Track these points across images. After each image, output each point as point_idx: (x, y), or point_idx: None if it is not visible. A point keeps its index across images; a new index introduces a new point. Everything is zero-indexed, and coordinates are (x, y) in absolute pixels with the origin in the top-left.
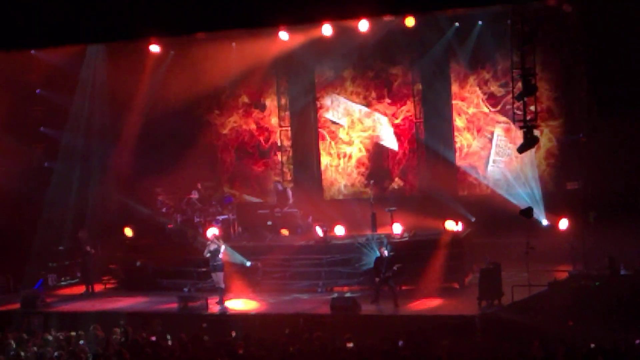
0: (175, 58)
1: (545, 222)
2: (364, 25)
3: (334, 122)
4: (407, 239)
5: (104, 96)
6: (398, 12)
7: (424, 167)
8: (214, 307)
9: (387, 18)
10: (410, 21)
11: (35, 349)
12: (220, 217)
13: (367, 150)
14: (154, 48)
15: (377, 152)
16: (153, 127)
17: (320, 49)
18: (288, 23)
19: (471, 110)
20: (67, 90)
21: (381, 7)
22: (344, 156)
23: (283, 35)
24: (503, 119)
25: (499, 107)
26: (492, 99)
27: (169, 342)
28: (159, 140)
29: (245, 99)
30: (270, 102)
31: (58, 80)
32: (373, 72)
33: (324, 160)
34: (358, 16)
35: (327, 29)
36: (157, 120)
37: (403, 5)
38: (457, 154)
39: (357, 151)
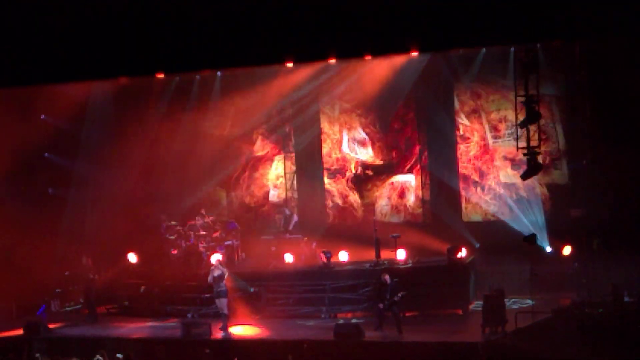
0: (180, 84)
1: (548, 248)
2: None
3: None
4: (410, 265)
5: (109, 122)
6: (403, 51)
7: (428, 193)
8: (217, 333)
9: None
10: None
11: None
12: (225, 243)
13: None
14: (159, 74)
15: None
16: (158, 154)
17: (324, 80)
18: (294, 60)
19: (475, 137)
20: (72, 116)
21: (386, 47)
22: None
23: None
24: (507, 145)
25: (502, 134)
26: (496, 125)
27: None
28: (164, 167)
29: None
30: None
31: (64, 107)
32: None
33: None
34: (363, 55)
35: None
36: (163, 147)
37: (408, 45)
38: (461, 180)
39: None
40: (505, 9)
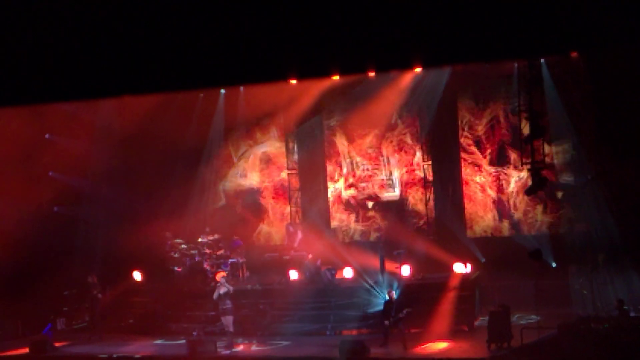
0: (184, 100)
1: (554, 264)
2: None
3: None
4: (415, 281)
5: (115, 140)
6: (406, 67)
7: (433, 209)
8: (222, 351)
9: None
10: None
11: None
12: (229, 261)
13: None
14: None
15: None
16: (163, 171)
17: (328, 92)
18: (297, 77)
19: (479, 151)
20: (77, 135)
21: (390, 63)
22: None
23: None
24: (511, 160)
25: (507, 149)
26: (499, 140)
27: None
28: (169, 184)
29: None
30: (279, 147)
31: (68, 124)
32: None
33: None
34: (366, 71)
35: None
36: (168, 164)
37: (411, 61)
38: (466, 195)
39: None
40: (509, 23)
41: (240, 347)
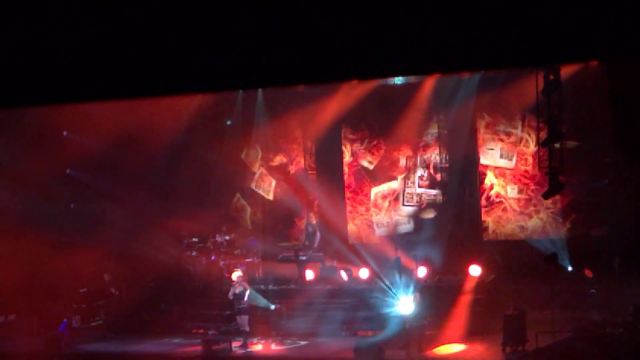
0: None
1: (570, 268)
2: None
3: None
4: (432, 283)
5: (130, 138)
6: (421, 73)
7: (449, 211)
8: (237, 351)
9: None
10: None
11: None
12: (245, 260)
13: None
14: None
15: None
16: (180, 169)
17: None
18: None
19: (497, 155)
20: (94, 133)
21: (406, 68)
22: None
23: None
24: (529, 164)
25: (525, 152)
26: (516, 144)
27: None
28: (185, 182)
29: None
30: (297, 147)
31: (86, 124)
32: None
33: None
34: (385, 76)
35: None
36: (185, 161)
37: (425, 67)
38: (483, 198)
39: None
40: (527, 30)
41: (256, 347)
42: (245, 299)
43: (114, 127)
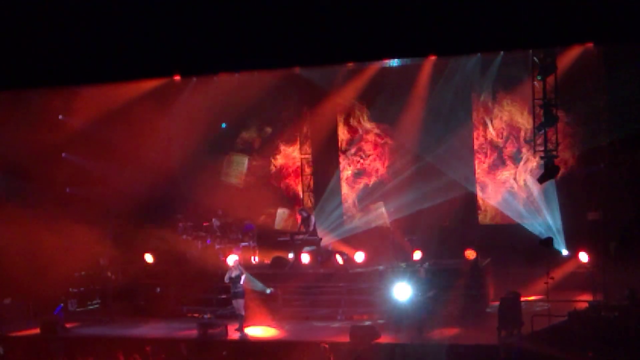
0: (198, 85)
1: (565, 252)
2: None
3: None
4: (427, 267)
5: (126, 121)
6: (419, 55)
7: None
8: (233, 334)
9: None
10: None
11: None
12: (241, 244)
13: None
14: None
15: None
16: (175, 153)
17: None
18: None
19: (492, 140)
20: (90, 116)
21: (404, 51)
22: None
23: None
24: (524, 149)
25: (520, 137)
26: (513, 129)
27: None
28: (181, 166)
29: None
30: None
31: (81, 107)
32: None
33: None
34: (381, 58)
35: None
36: (179, 146)
37: (424, 49)
38: (478, 183)
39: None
40: (524, 11)
41: (251, 331)
42: (241, 282)
43: (109, 110)
